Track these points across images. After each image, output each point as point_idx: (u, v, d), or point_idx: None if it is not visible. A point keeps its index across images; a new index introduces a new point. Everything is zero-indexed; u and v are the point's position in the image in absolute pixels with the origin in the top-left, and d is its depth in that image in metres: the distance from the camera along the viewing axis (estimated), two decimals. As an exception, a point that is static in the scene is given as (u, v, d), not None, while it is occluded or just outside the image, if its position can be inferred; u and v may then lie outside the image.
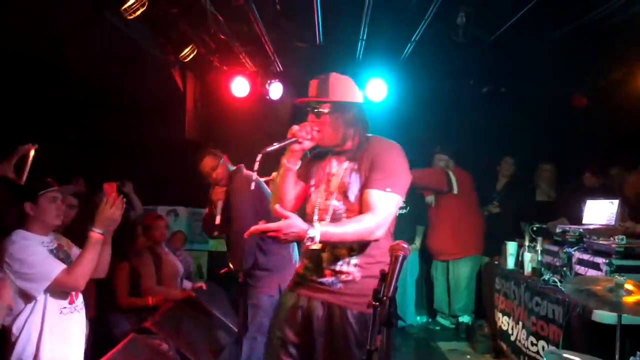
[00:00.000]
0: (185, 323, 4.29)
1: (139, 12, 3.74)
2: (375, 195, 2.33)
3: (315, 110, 2.43)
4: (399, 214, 6.24)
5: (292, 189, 2.56)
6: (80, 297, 2.98)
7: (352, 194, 2.40)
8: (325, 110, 2.42)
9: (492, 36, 5.22)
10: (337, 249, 2.39)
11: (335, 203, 2.43)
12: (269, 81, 6.23)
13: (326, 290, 2.41)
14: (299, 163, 2.55)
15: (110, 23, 3.82)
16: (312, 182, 2.57)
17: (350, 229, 2.26)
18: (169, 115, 5.61)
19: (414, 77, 6.39)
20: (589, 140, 5.75)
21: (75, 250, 3.04)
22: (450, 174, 6.21)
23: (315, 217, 2.47)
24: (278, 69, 6.24)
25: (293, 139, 2.41)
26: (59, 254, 2.91)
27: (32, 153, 3.89)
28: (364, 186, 2.37)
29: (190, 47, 4.88)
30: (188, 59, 4.90)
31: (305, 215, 2.52)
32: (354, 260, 2.38)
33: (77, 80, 4.84)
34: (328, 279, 2.41)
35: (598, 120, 5.75)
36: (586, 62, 5.63)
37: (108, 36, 4.08)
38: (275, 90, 6.25)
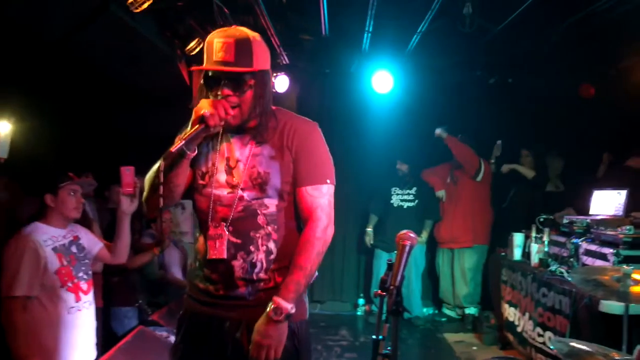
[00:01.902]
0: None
1: (145, 6, 3.75)
2: (316, 192, 2.01)
3: (237, 84, 1.93)
4: (408, 207, 6.37)
5: (184, 180, 2.03)
6: (89, 294, 3.00)
7: (273, 188, 1.99)
8: (251, 83, 1.95)
9: (498, 26, 5.19)
10: (252, 255, 1.98)
11: (246, 197, 1.99)
12: (274, 74, 6.23)
13: (244, 306, 1.99)
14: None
15: (117, 16, 3.83)
16: (202, 168, 2.06)
17: (312, 262, 1.95)
18: (175, 109, 5.61)
19: (420, 68, 6.37)
20: (598, 130, 5.72)
21: (91, 237, 3.10)
22: (482, 162, 6.22)
23: (211, 215, 2.02)
24: (284, 61, 6.24)
25: (203, 127, 1.88)
26: (72, 247, 2.95)
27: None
28: (296, 182, 2.02)
29: (196, 40, 4.88)
30: (194, 52, 4.90)
31: (197, 211, 2.09)
32: (273, 265, 2.00)
33: (83, 74, 4.85)
34: (242, 291, 1.99)
35: (607, 110, 5.71)
36: (595, 52, 5.59)
37: (114, 29, 4.08)
38: (281, 83, 6.25)
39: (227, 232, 1.98)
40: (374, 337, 1.79)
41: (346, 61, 6.46)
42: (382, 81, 6.24)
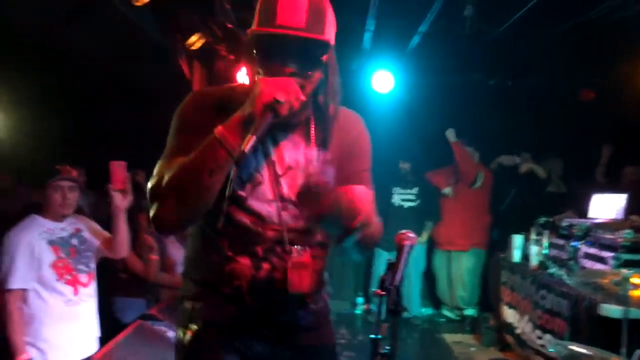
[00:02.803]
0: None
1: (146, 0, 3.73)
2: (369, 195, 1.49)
3: (308, 59, 1.47)
4: (409, 207, 6.36)
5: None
6: (90, 287, 2.99)
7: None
8: (324, 60, 1.51)
9: (499, 29, 5.18)
10: (317, 261, 1.63)
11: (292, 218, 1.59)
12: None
13: (298, 330, 1.65)
14: None
15: (118, 10, 3.81)
16: (240, 174, 1.54)
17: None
18: (175, 104, 5.60)
19: (420, 69, 6.36)
20: (596, 134, 5.72)
21: (96, 229, 3.09)
22: (481, 171, 6.25)
23: (258, 236, 1.57)
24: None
25: (271, 117, 1.39)
26: (72, 240, 2.94)
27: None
28: (346, 181, 1.51)
29: (197, 35, 4.86)
30: (195, 47, 4.88)
31: (230, 229, 1.57)
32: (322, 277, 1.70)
33: (83, 67, 4.83)
34: (298, 313, 1.64)
35: (605, 113, 5.71)
36: (593, 56, 5.58)
37: (115, 23, 4.06)
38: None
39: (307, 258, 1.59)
40: (372, 336, 1.77)
41: (347, 59, 6.44)
42: (383, 81, 6.23)
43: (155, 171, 1.53)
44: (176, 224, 1.53)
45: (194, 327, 1.60)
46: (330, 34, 1.50)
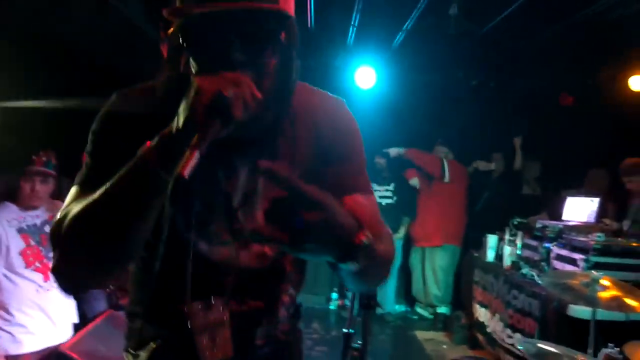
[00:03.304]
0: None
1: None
2: (370, 202, 1.23)
3: (259, 43, 1.08)
4: (387, 204, 6.38)
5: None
6: None
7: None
8: (281, 40, 1.12)
9: (483, 29, 5.23)
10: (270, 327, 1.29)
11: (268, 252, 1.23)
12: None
13: None
14: None
15: (108, 2, 3.77)
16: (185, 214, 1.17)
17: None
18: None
19: (404, 66, 6.39)
20: (575, 137, 5.81)
21: None
22: (445, 162, 6.26)
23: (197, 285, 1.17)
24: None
25: (219, 124, 0.96)
26: (45, 227, 2.91)
27: None
28: (340, 190, 1.09)
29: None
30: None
31: (171, 291, 1.18)
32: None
33: (72, 59, 4.77)
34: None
35: (585, 118, 5.81)
36: (575, 60, 5.67)
37: (106, 15, 4.02)
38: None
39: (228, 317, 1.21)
40: (345, 330, 1.78)
41: (330, 55, 6.44)
42: (365, 77, 6.24)
43: (66, 201, 1.13)
44: (81, 283, 1.15)
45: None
46: (288, 2, 1.10)
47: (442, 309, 6.26)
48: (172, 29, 1.11)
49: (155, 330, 1.23)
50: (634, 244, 3.69)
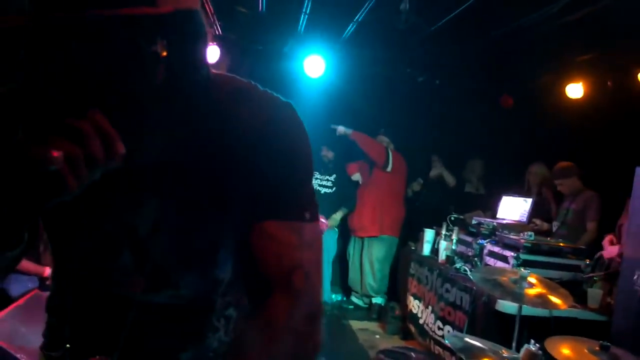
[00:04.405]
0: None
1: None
2: (293, 232, 0.97)
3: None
4: (325, 192, 6.41)
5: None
6: None
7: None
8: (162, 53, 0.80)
9: (432, 27, 5.30)
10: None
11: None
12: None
13: None
14: None
15: None
16: (77, 240, 1.02)
17: None
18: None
19: (353, 57, 6.40)
20: (515, 139, 6.01)
21: None
22: (390, 152, 6.32)
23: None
24: (217, 32, 6.07)
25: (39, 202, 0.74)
26: None
27: None
28: (252, 214, 0.96)
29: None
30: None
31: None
32: None
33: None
34: None
35: (525, 120, 6.02)
36: (517, 65, 5.84)
37: None
38: (212, 53, 6.08)
39: None
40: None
41: (280, 40, 6.38)
42: (314, 65, 6.22)
43: None
44: None
45: None
46: None
47: (377, 300, 6.36)
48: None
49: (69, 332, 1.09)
50: (561, 244, 3.86)
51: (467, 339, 2.70)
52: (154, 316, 1.03)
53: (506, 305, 3.38)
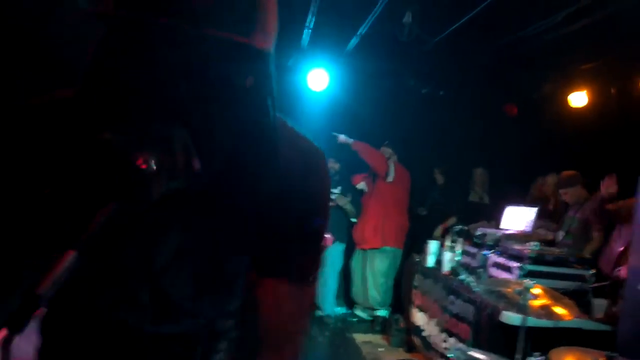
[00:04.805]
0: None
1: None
2: (296, 298, 1.00)
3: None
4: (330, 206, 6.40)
5: None
6: None
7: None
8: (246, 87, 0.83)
9: (435, 39, 5.32)
10: None
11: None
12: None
13: None
14: None
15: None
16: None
17: None
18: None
19: (356, 70, 6.44)
20: (517, 148, 6.01)
21: None
22: (391, 162, 6.32)
23: None
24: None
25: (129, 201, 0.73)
26: None
27: None
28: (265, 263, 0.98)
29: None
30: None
31: None
32: None
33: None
34: None
35: (528, 130, 6.01)
36: (521, 74, 5.85)
37: None
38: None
39: None
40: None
41: (284, 55, 6.42)
42: (318, 79, 6.25)
43: None
44: None
45: None
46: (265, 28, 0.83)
47: (381, 312, 6.32)
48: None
49: None
50: (566, 254, 3.83)
51: (470, 352, 2.67)
52: (158, 346, 1.01)
53: (510, 317, 3.34)
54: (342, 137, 6.30)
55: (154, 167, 0.68)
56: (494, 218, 5.30)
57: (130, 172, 0.67)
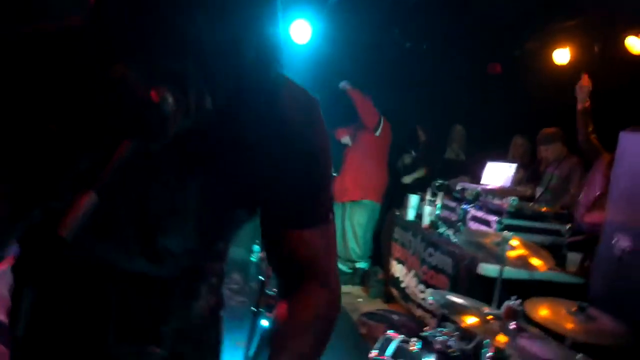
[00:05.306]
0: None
1: None
2: (317, 241, 1.03)
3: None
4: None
5: None
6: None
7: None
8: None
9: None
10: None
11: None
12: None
13: None
14: None
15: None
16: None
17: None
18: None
19: (340, 22, 6.31)
20: (500, 106, 6.01)
21: None
22: (382, 117, 6.31)
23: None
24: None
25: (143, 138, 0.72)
26: None
27: None
28: (284, 216, 1.02)
29: None
30: None
31: None
32: None
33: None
34: None
35: (511, 88, 6.01)
36: (505, 31, 5.80)
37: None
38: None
39: None
40: (260, 277, 1.79)
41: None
42: (301, 31, 6.12)
43: None
44: None
45: None
46: None
47: (361, 264, 6.41)
48: None
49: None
50: (544, 209, 3.90)
51: (449, 297, 2.74)
52: (138, 286, 1.02)
53: (488, 269, 3.43)
54: (343, 83, 6.29)
55: (170, 102, 0.68)
56: (471, 174, 5.35)
57: (149, 107, 0.67)
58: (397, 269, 5.08)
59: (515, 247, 2.83)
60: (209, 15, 0.73)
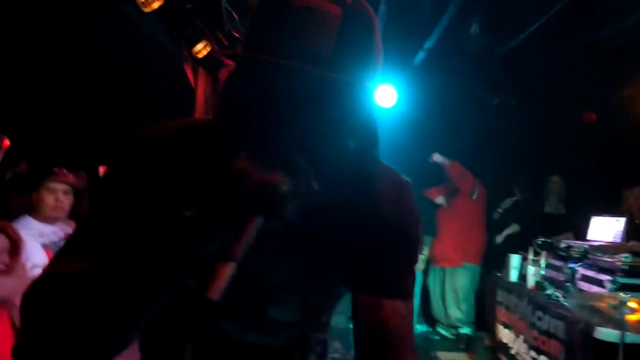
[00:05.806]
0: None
1: (155, 5, 3.74)
2: (402, 313, 1.03)
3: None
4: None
5: None
6: None
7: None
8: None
9: (503, 48, 5.22)
10: None
11: None
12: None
13: None
14: None
15: (126, 14, 3.83)
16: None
17: None
18: (179, 110, 5.64)
19: (424, 85, 6.39)
20: (596, 155, 5.74)
21: None
22: (476, 181, 6.23)
23: None
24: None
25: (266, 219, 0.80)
26: (61, 243, 2.91)
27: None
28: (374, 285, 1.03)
29: (203, 43, 4.88)
30: (201, 55, 4.90)
31: None
32: None
33: (88, 71, 4.86)
34: None
35: (607, 137, 5.74)
36: (597, 78, 5.62)
37: (122, 27, 4.09)
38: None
39: None
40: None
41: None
42: (386, 95, 6.25)
43: (49, 263, 0.94)
44: None
45: None
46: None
47: (465, 330, 6.17)
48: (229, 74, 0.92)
49: None
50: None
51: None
52: (255, 356, 1.08)
53: (607, 333, 3.17)
54: (437, 156, 6.27)
55: (286, 185, 0.79)
56: (573, 229, 5.07)
57: (271, 192, 0.77)
58: (505, 334, 4.83)
59: (635, 309, 2.63)
60: (314, 112, 0.84)
